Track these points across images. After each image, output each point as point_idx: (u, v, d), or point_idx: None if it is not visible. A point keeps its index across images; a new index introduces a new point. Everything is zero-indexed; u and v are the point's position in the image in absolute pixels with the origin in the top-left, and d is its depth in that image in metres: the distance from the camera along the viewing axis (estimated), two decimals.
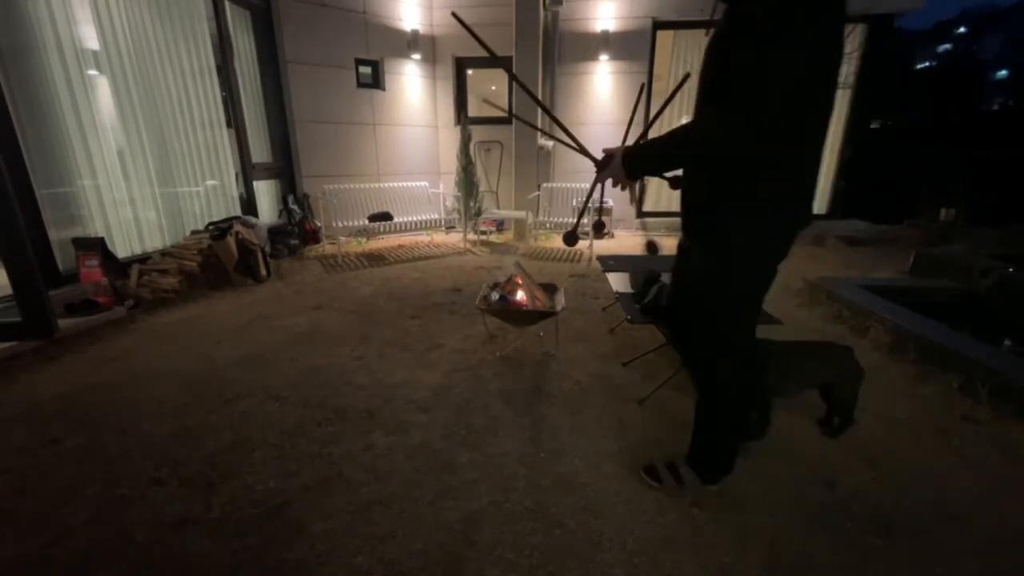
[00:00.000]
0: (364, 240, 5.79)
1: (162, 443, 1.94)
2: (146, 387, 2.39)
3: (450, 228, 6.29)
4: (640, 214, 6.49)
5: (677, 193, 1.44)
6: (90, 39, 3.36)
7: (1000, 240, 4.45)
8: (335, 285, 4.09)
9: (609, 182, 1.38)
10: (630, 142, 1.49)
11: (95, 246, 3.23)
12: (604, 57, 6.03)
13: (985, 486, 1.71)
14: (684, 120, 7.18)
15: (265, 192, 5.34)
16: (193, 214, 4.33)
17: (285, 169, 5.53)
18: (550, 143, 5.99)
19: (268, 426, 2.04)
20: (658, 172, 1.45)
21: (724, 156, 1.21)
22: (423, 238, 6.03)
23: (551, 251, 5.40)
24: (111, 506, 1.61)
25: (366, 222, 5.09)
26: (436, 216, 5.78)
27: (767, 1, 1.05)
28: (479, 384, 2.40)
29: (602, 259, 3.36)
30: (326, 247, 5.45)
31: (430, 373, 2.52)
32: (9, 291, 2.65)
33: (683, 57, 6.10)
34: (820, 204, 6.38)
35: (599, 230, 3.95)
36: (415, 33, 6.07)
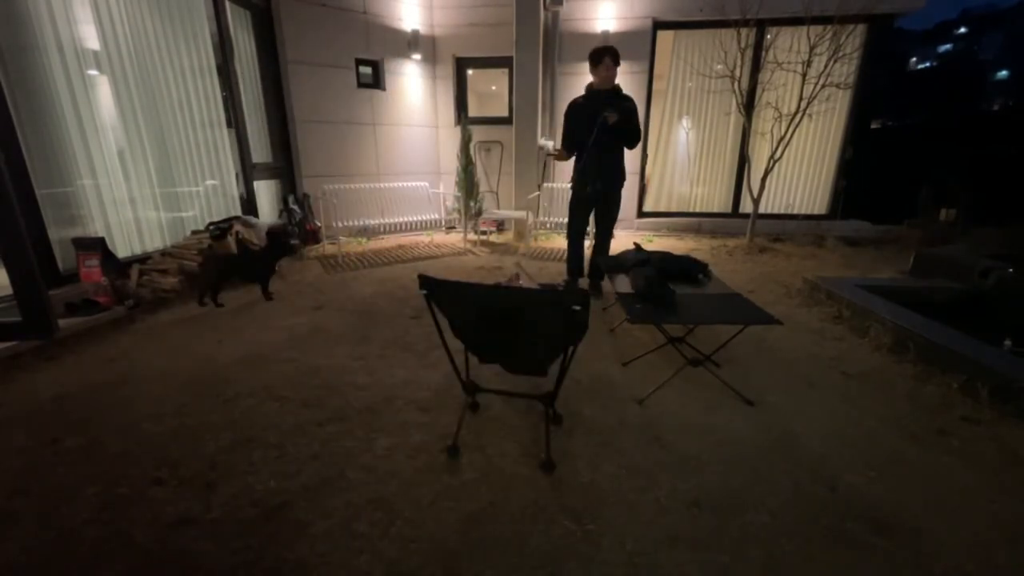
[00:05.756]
0: (364, 240, 5.80)
1: (162, 443, 1.94)
2: (146, 387, 2.39)
3: (450, 228, 6.30)
4: (640, 214, 6.50)
5: (677, 194, 1.45)
6: (90, 39, 3.36)
7: (1000, 240, 4.44)
8: (335, 285, 4.09)
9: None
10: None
11: (95, 246, 3.22)
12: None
13: (985, 486, 1.72)
14: (684, 121, 7.12)
15: (265, 192, 5.33)
16: (193, 214, 4.33)
17: (285, 169, 5.53)
18: (550, 143, 5.98)
19: (268, 426, 2.04)
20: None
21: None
22: (423, 238, 6.03)
23: (551, 251, 5.40)
24: (111, 506, 1.61)
25: (366, 222, 5.08)
26: (436, 216, 5.77)
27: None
28: (479, 384, 2.39)
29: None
30: (326, 247, 5.45)
31: (431, 373, 2.52)
32: (9, 291, 2.64)
33: (683, 57, 6.09)
34: (820, 204, 6.38)
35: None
36: (415, 33, 6.07)
